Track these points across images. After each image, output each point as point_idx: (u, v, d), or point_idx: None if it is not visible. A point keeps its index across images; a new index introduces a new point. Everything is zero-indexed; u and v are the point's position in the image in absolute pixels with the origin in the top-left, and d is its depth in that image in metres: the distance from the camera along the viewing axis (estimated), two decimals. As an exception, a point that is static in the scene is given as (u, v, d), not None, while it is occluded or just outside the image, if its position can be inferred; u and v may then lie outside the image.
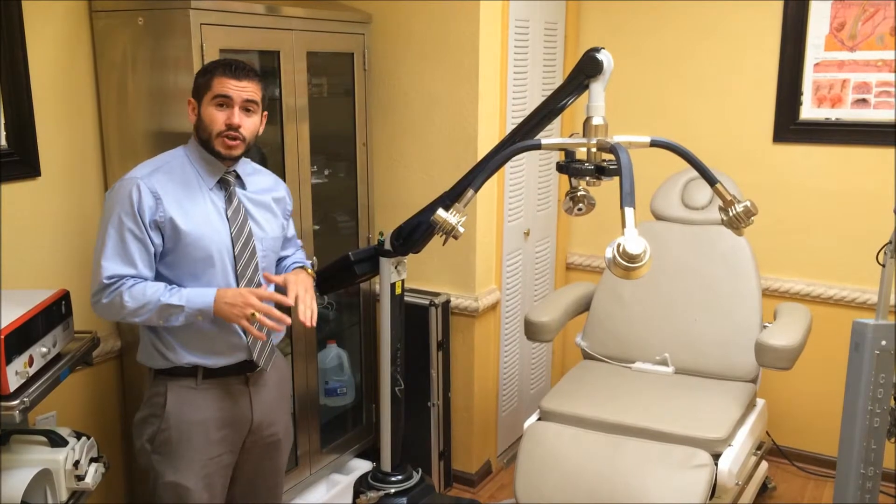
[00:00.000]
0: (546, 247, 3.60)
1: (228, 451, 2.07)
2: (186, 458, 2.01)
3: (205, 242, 1.95)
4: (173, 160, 1.99)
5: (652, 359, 2.97)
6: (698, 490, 2.37)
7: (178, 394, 2.01)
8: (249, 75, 1.95)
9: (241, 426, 2.08)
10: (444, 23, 2.94)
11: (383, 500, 2.52)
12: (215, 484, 2.06)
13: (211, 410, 2.03)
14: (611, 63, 1.91)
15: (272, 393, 2.15)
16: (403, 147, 3.12)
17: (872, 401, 2.22)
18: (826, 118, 3.19)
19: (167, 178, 1.94)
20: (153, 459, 2.03)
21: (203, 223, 1.95)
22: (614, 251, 1.51)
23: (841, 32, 3.10)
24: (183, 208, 1.93)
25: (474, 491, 3.25)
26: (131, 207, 1.89)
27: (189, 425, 2.01)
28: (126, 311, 1.89)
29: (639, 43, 3.45)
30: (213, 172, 2.00)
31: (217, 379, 2.03)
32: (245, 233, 2.01)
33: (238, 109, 1.93)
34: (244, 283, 2.00)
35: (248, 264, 2.01)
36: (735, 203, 1.97)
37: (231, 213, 1.99)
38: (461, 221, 1.86)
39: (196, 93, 1.97)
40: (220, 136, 1.93)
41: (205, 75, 1.95)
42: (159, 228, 1.91)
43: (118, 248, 1.89)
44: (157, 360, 2.01)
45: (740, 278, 2.91)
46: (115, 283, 1.89)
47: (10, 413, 1.77)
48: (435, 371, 3.09)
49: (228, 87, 1.91)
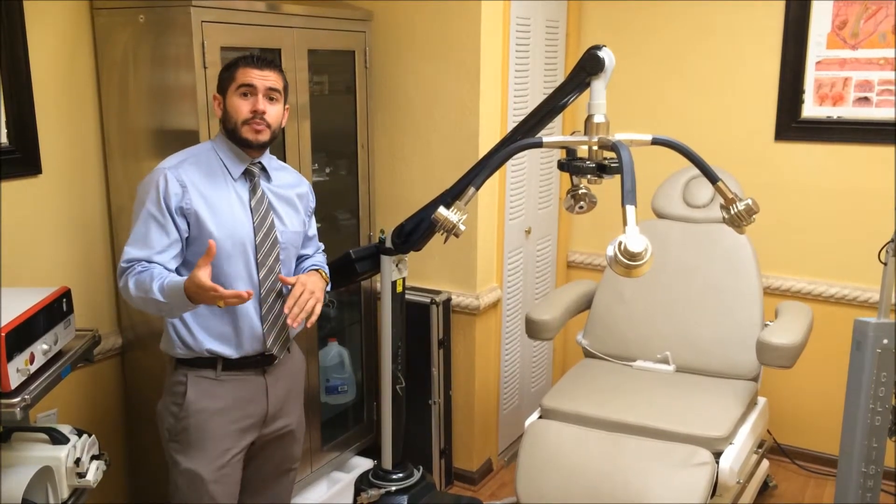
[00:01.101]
0: (547, 245, 3.60)
1: (244, 441, 2.11)
2: (203, 448, 2.05)
3: (227, 231, 1.99)
4: (200, 152, 2.05)
5: (653, 357, 2.97)
6: (699, 488, 2.37)
7: (198, 384, 2.05)
8: (271, 65, 2.02)
9: (258, 417, 2.12)
10: (445, 21, 2.94)
11: (384, 498, 2.52)
12: (230, 473, 2.10)
13: (229, 401, 2.06)
14: (612, 61, 1.91)
15: (287, 385, 2.19)
16: (404, 145, 3.12)
17: (874, 399, 2.22)
18: (828, 116, 3.18)
19: (194, 168, 2.00)
20: (170, 447, 2.08)
21: (226, 213, 2.00)
22: (615, 249, 1.51)
23: (843, 30, 3.10)
24: (207, 198, 1.98)
25: (475, 489, 3.25)
26: (157, 195, 1.94)
27: (207, 415, 2.04)
28: (133, 298, 1.93)
29: (640, 41, 3.45)
30: (238, 163, 2.05)
31: (236, 371, 2.06)
32: (267, 224, 2.05)
33: (262, 97, 1.99)
34: (264, 271, 2.04)
35: (269, 254, 2.05)
36: (736, 201, 1.96)
37: (254, 204, 2.04)
38: (462, 219, 1.86)
39: (220, 87, 2.03)
40: (247, 123, 1.99)
41: (228, 70, 2.02)
42: (185, 216, 1.96)
43: (139, 234, 1.95)
44: (178, 348, 2.04)
45: (741, 277, 2.91)
46: (129, 267, 1.93)
47: (11, 410, 1.77)
48: (436, 369, 3.09)
49: (252, 77, 1.98)
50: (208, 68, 2.27)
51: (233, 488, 2.12)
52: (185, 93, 2.31)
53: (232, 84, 1.99)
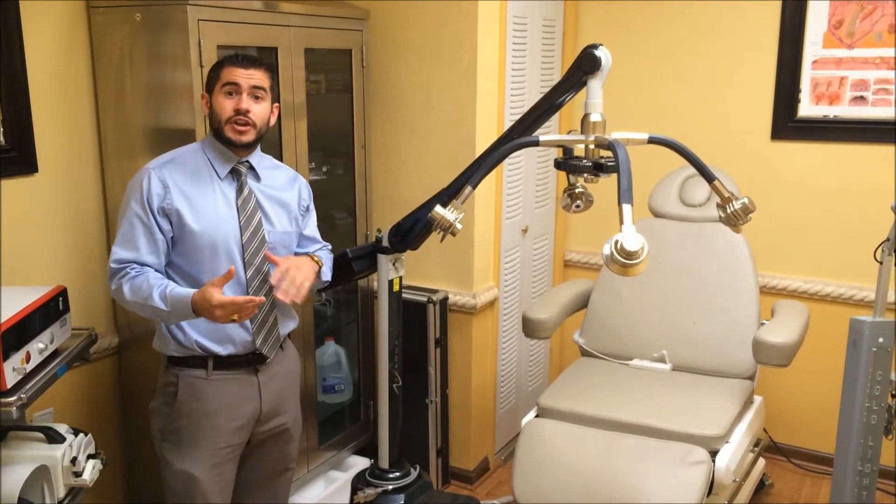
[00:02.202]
0: (544, 244, 3.60)
1: (238, 440, 2.10)
2: (196, 448, 2.04)
3: (210, 232, 1.99)
4: (188, 152, 2.06)
5: (649, 356, 2.97)
6: (695, 487, 2.37)
7: (190, 384, 2.05)
8: (256, 64, 2.02)
9: (251, 417, 2.11)
10: (442, 20, 2.94)
11: (381, 497, 2.52)
12: (224, 472, 2.10)
13: (221, 401, 2.06)
14: (609, 59, 1.91)
15: (281, 383, 2.18)
16: (401, 144, 3.12)
17: (870, 398, 2.23)
18: (824, 115, 3.19)
19: (179, 168, 2.01)
20: (163, 447, 2.08)
21: (209, 213, 1.99)
22: (612, 248, 1.51)
23: (839, 30, 3.10)
24: (190, 198, 1.98)
25: (472, 488, 3.25)
26: (141, 195, 1.95)
27: (199, 415, 2.04)
28: (127, 302, 1.94)
29: (637, 40, 3.45)
30: (225, 163, 2.05)
31: (227, 370, 2.06)
32: (254, 223, 2.05)
33: (246, 96, 1.99)
34: (251, 271, 2.03)
35: (257, 253, 2.04)
36: (733, 200, 1.97)
37: (241, 203, 2.04)
38: (459, 218, 1.86)
39: (208, 86, 2.04)
40: (230, 122, 1.99)
41: (215, 69, 2.03)
42: (167, 216, 1.96)
43: (126, 234, 1.96)
44: (170, 346, 2.04)
45: (738, 275, 2.91)
46: (121, 270, 1.94)
47: (7, 409, 1.78)
48: (433, 368, 3.09)
49: (236, 75, 1.98)
50: (205, 67, 2.26)
51: (226, 487, 2.12)
52: (181, 91, 2.31)
53: (218, 83, 2.00)
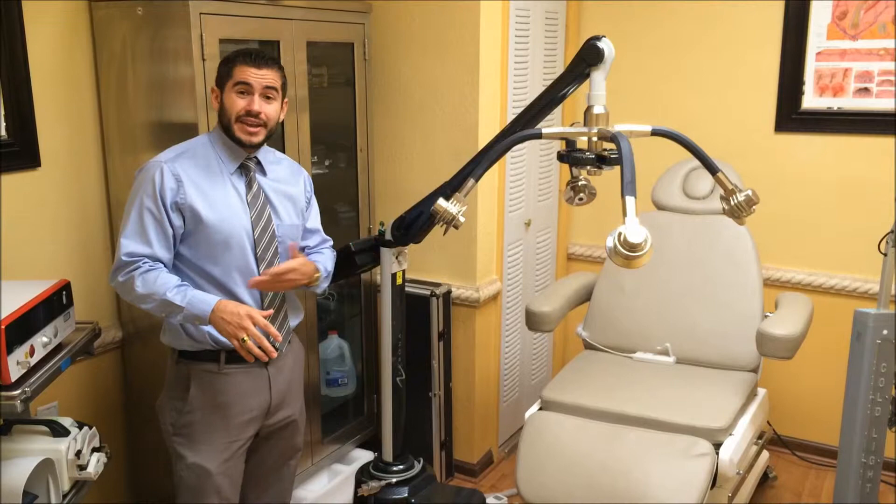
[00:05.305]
0: (547, 237, 3.60)
1: (248, 433, 2.12)
2: (208, 442, 2.06)
3: (224, 226, 1.99)
4: (197, 145, 2.06)
5: (653, 349, 2.97)
6: (699, 479, 2.37)
7: (201, 378, 2.06)
8: (269, 63, 2.02)
9: (261, 409, 2.13)
10: (444, 13, 2.93)
11: (385, 490, 2.52)
12: (235, 465, 2.12)
13: (232, 395, 2.07)
14: (612, 51, 1.90)
15: (288, 376, 2.20)
16: (404, 137, 3.12)
17: (874, 390, 2.23)
18: (828, 107, 3.18)
19: (190, 162, 2.00)
20: (175, 442, 2.09)
21: (223, 207, 2.00)
22: (615, 240, 1.51)
23: (843, 21, 3.09)
24: (203, 192, 1.99)
25: (476, 481, 3.26)
26: (153, 190, 1.95)
27: (212, 408, 2.06)
28: (135, 294, 1.94)
29: (640, 33, 3.44)
30: (234, 158, 2.05)
31: (239, 363, 2.06)
32: (265, 217, 2.06)
33: (258, 97, 1.99)
34: (264, 265, 2.05)
35: (268, 248, 2.06)
36: (736, 192, 1.96)
37: (251, 199, 2.05)
38: (462, 211, 1.85)
39: (218, 81, 2.04)
40: (239, 120, 1.99)
41: (226, 64, 2.02)
42: (180, 211, 1.97)
43: (137, 228, 1.95)
44: (182, 340, 2.05)
45: (741, 268, 2.91)
46: (132, 264, 1.94)
47: (11, 403, 1.78)
48: (436, 361, 3.09)
49: (249, 75, 1.98)
50: (207, 61, 2.27)
51: (237, 480, 2.14)
52: (183, 85, 2.30)
53: (229, 81, 2.00)
